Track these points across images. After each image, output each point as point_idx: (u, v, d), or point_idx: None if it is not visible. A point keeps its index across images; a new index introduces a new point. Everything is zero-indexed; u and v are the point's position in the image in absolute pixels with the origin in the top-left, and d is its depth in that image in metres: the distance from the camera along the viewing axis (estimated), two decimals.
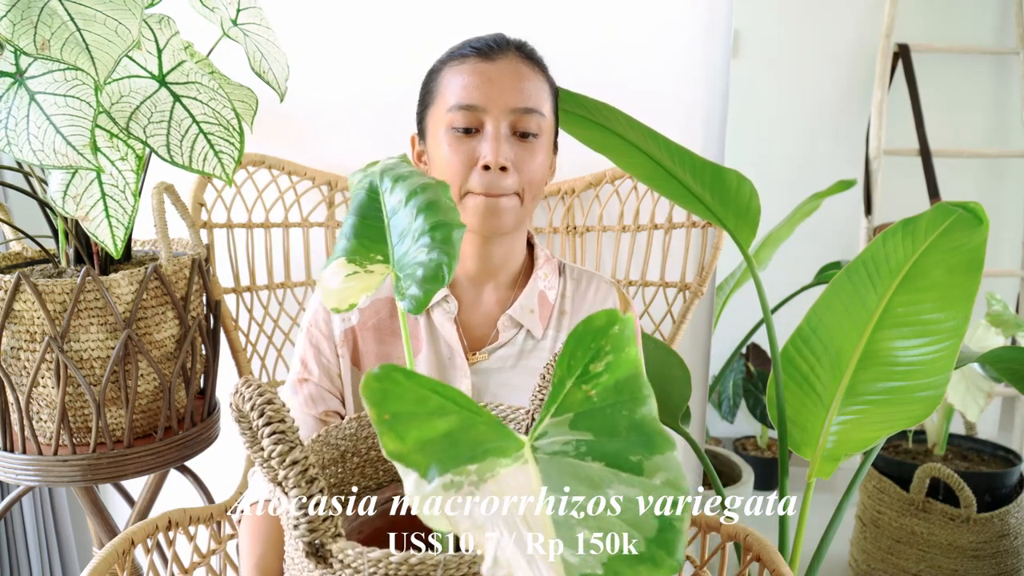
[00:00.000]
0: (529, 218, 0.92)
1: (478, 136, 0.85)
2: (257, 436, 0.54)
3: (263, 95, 1.19)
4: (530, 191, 0.87)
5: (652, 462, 0.42)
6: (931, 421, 1.72)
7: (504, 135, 0.84)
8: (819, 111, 1.59)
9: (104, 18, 0.82)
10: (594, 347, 0.48)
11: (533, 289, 0.94)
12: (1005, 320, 1.48)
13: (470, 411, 0.46)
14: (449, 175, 0.85)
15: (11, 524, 1.51)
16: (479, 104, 0.84)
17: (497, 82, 0.84)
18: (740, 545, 0.99)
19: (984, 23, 1.58)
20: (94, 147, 0.81)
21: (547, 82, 0.89)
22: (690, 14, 1.34)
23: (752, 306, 1.18)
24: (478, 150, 0.84)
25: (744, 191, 1.02)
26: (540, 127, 0.86)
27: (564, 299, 0.96)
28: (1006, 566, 1.57)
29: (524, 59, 0.87)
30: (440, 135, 0.86)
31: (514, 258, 0.94)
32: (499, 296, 0.94)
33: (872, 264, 1.07)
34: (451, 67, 0.87)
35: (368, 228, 0.64)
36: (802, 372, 1.14)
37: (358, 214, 0.66)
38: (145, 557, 0.92)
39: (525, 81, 0.85)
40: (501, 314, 0.93)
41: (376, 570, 0.53)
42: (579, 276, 0.98)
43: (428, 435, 0.42)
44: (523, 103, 0.84)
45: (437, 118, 0.87)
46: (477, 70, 0.85)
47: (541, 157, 0.87)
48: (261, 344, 1.33)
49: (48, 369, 0.98)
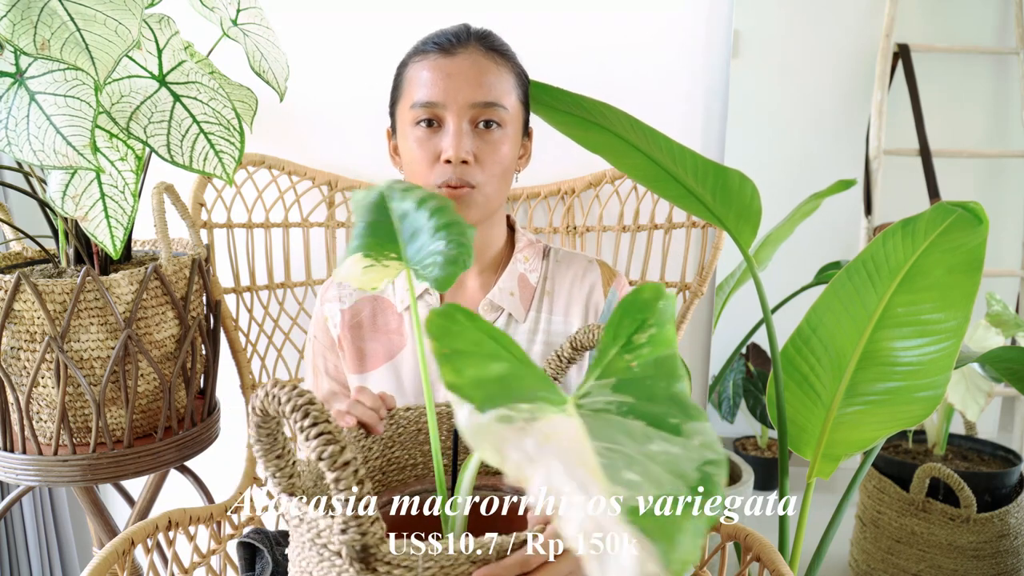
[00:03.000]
0: (503, 203, 0.93)
1: (440, 131, 0.86)
2: (303, 437, 0.51)
3: (263, 95, 1.18)
4: (494, 181, 0.88)
5: (689, 426, 0.43)
6: (931, 421, 1.72)
7: (465, 130, 0.85)
8: (819, 111, 1.59)
9: (104, 18, 0.82)
10: (639, 319, 0.51)
11: (513, 272, 0.95)
12: (1005, 320, 1.48)
13: (521, 362, 0.48)
14: (416, 169, 0.87)
15: (11, 524, 1.50)
16: (439, 100, 0.85)
17: (456, 78, 0.85)
18: (740, 545, 0.99)
19: (984, 23, 1.58)
20: (94, 147, 0.81)
21: (511, 71, 0.89)
22: (690, 14, 1.34)
23: (752, 306, 1.18)
24: (440, 145, 0.85)
25: (746, 191, 1.02)
26: (503, 119, 0.87)
27: (546, 280, 0.97)
28: (1006, 566, 1.56)
29: (485, 51, 0.87)
30: (407, 130, 0.88)
31: (492, 244, 0.96)
32: (481, 281, 0.96)
33: (872, 264, 1.07)
34: (414, 62, 0.88)
35: (379, 230, 0.66)
36: (802, 372, 1.14)
37: (368, 219, 0.67)
38: (145, 557, 0.92)
39: (486, 75, 0.86)
40: (482, 298, 0.94)
41: (431, 565, 0.54)
42: (562, 257, 0.99)
43: (483, 375, 0.45)
44: (483, 98, 0.85)
45: (404, 114, 0.89)
46: (437, 66, 0.86)
47: (506, 147, 0.88)
48: (261, 344, 1.33)
49: (48, 369, 0.98)
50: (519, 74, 0.91)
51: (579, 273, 0.97)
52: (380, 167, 1.37)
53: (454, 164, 0.85)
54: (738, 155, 1.39)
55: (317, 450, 0.50)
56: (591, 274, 0.97)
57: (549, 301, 0.96)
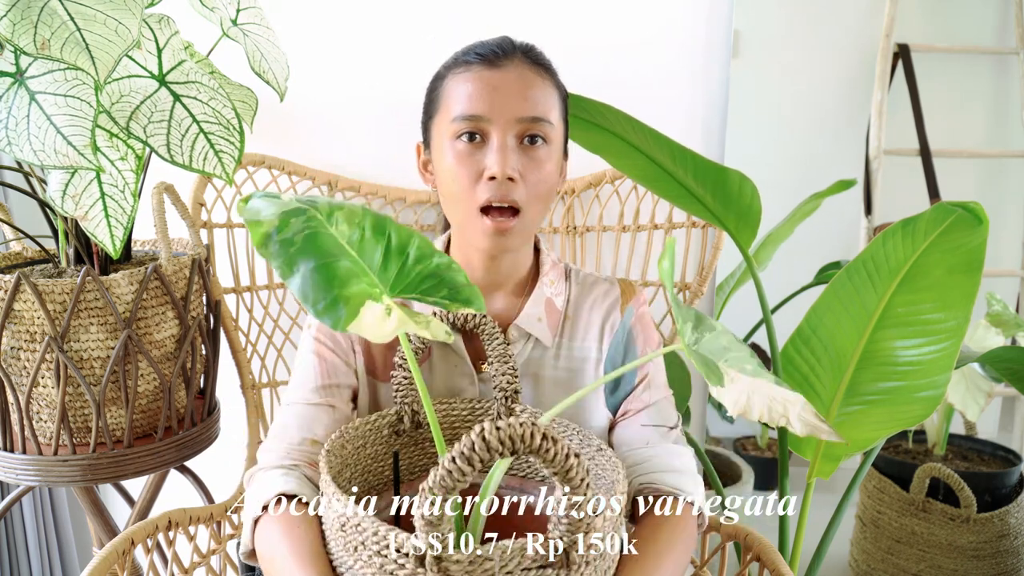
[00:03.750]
0: (537, 229, 0.91)
1: (484, 147, 0.82)
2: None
3: (263, 95, 1.18)
4: (539, 202, 0.85)
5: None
6: (931, 421, 1.72)
7: (511, 146, 0.81)
8: (819, 111, 1.59)
9: (104, 18, 0.82)
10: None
11: (539, 297, 0.92)
12: (1005, 320, 1.48)
13: None
14: (456, 187, 0.83)
15: (11, 524, 1.50)
16: (484, 114, 0.81)
17: (502, 91, 0.81)
18: (740, 545, 0.99)
19: (984, 23, 1.58)
20: (94, 147, 0.81)
21: (555, 87, 0.87)
22: (690, 14, 1.34)
23: (752, 306, 1.18)
24: (484, 161, 0.82)
25: (746, 192, 1.02)
26: (548, 135, 0.84)
27: (569, 305, 0.95)
28: (1006, 566, 1.57)
29: (531, 65, 0.84)
30: (445, 146, 0.84)
31: (522, 265, 0.93)
32: (506, 304, 0.93)
33: (872, 264, 1.06)
34: (455, 74, 0.84)
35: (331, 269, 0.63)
36: (802, 372, 1.14)
37: (313, 263, 0.61)
38: (145, 557, 0.92)
39: (532, 89, 0.83)
40: (508, 321, 0.92)
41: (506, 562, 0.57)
42: (583, 280, 0.97)
43: None
44: (530, 112, 0.82)
45: (442, 128, 0.85)
46: (482, 78, 0.82)
47: (550, 165, 0.85)
48: (261, 344, 1.33)
49: (48, 369, 0.98)
50: (561, 89, 0.88)
51: (599, 297, 0.95)
52: (380, 167, 1.37)
53: (499, 181, 0.81)
54: (738, 155, 1.39)
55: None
56: (610, 296, 0.95)
57: (571, 326, 0.93)
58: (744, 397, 0.61)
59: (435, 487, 0.53)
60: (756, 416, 0.60)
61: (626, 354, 0.92)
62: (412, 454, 0.88)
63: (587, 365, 0.93)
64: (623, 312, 0.94)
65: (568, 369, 0.92)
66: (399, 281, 0.64)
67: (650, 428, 0.88)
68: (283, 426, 0.85)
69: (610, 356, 0.93)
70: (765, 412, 0.60)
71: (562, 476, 0.55)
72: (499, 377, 0.84)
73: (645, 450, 0.86)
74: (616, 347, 0.93)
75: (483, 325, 0.86)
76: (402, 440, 0.86)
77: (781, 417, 0.60)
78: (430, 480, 0.53)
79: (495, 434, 0.52)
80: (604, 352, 0.93)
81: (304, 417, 0.85)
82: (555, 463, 0.54)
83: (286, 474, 0.78)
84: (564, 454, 0.54)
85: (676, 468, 0.84)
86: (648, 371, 0.92)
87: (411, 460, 0.88)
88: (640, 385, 0.91)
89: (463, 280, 0.66)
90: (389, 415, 0.84)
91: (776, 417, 0.60)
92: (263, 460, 0.82)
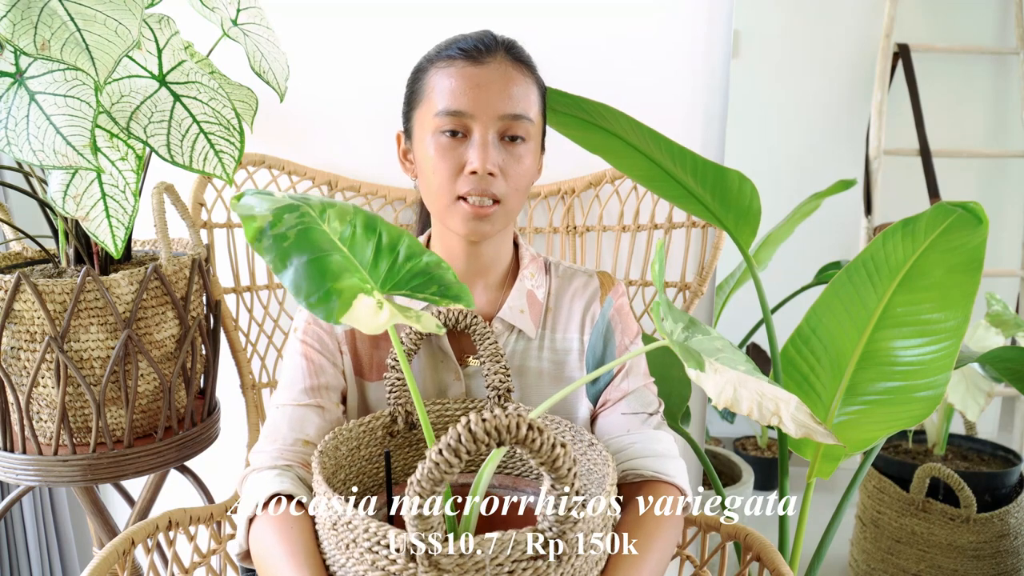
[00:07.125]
0: (515, 218, 0.92)
1: (466, 141, 0.84)
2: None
3: (263, 95, 1.18)
4: (516, 195, 0.87)
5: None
6: (931, 421, 1.72)
7: (492, 141, 0.83)
8: (819, 111, 1.59)
9: (104, 18, 0.82)
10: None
11: (521, 289, 0.94)
12: (1005, 320, 1.48)
13: None
14: (436, 179, 0.85)
15: (11, 524, 1.50)
16: (467, 110, 0.83)
17: (485, 88, 0.83)
18: (740, 545, 0.99)
19: (984, 23, 1.58)
20: (94, 147, 0.81)
21: (535, 83, 0.88)
22: (690, 14, 1.34)
23: (752, 306, 1.18)
24: (465, 156, 0.83)
25: (745, 191, 1.02)
26: (528, 132, 0.86)
27: (550, 296, 0.96)
28: (1006, 566, 1.57)
29: (513, 62, 0.86)
30: (427, 138, 0.85)
31: (502, 258, 0.95)
32: (489, 297, 0.94)
33: (872, 264, 1.07)
34: (438, 68, 0.86)
35: (324, 263, 0.64)
36: (802, 372, 1.14)
37: (305, 257, 0.62)
38: (145, 557, 0.92)
39: (514, 86, 0.84)
40: (491, 315, 0.93)
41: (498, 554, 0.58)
42: (563, 272, 0.98)
43: None
44: (511, 109, 0.83)
45: (424, 120, 0.86)
46: (465, 74, 0.83)
47: (529, 160, 0.87)
48: (261, 344, 1.33)
49: (48, 369, 0.98)
50: (540, 85, 0.90)
51: (579, 288, 0.96)
52: (380, 167, 1.37)
53: (480, 176, 0.83)
54: (738, 155, 1.39)
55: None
56: (590, 288, 0.96)
57: (552, 318, 0.95)
58: (730, 388, 0.60)
59: (423, 480, 0.53)
60: (745, 410, 0.59)
61: (606, 345, 0.94)
62: (407, 455, 0.88)
63: (571, 356, 0.94)
64: (603, 303, 0.95)
65: (552, 361, 0.94)
66: (390, 278, 0.64)
67: (630, 415, 0.90)
68: (274, 428, 0.85)
69: (591, 346, 0.94)
70: (755, 408, 0.59)
71: (549, 466, 0.55)
72: (491, 376, 0.84)
73: (626, 437, 0.88)
74: (596, 338, 0.94)
75: (474, 325, 0.87)
76: (396, 441, 0.86)
77: (773, 415, 0.59)
78: (418, 473, 0.53)
79: (481, 425, 0.52)
80: (586, 343, 0.94)
81: (295, 418, 0.86)
82: (541, 453, 0.54)
83: (280, 475, 0.78)
84: (550, 444, 0.54)
85: (658, 453, 0.85)
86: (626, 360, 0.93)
87: (406, 461, 0.88)
88: (619, 374, 0.92)
89: (452, 278, 0.67)
90: (383, 416, 0.85)
91: (767, 415, 0.59)
92: (256, 461, 0.82)
